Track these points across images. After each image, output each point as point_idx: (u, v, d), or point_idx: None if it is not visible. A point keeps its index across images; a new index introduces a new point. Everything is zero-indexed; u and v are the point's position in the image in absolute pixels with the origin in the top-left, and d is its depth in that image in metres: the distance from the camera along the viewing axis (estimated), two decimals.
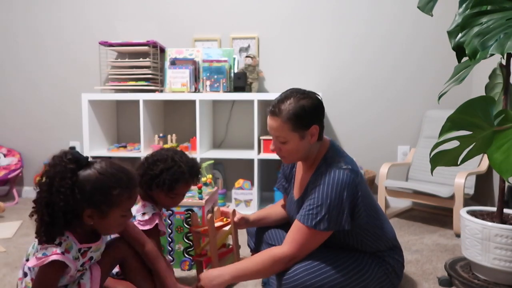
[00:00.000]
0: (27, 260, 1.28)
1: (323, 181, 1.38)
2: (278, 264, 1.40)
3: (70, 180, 1.16)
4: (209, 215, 1.61)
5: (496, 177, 2.59)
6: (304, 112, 1.37)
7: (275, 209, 1.78)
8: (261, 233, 1.75)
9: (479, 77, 2.76)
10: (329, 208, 1.35)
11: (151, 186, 1.52)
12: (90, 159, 1.24)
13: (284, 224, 1.78)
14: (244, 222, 1.71)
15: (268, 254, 1.43)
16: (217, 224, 1.70)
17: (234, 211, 1.72)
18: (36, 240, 1.22)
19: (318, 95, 1.46)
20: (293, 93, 1.42)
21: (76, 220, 1.20)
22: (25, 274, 1.28)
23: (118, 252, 1.39)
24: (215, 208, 1.77)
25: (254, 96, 2.78)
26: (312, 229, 1.37)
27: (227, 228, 1.76)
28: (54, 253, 1.16)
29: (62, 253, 1.18)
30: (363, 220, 1.43)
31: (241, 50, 3.14)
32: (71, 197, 1.15)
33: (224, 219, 1.77)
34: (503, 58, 1.50)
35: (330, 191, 1.36)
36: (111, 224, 1.25)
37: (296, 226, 1.41)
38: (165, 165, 1.50)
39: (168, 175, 1.49)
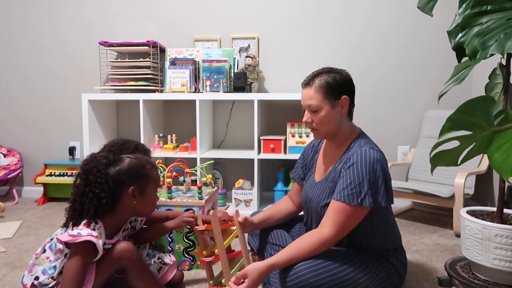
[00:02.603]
0: (52, 239, 1.37)
1: (358, 159, 1.42)
2: (323, 248, 1.42)
3: (105, 171, 1.36)
4: (212, 210, 1.57)
5: (496, 177, 2.59)
6: (335, 82, 1.48)
7: (278, 209, 1.77)
8: (264, 233, 1.75)
9: (479, 77, 2.76)
10: (370, 184, 1.39)
11: None
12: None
13: (284, 224, 1.78)
14: (249, 225, 1.65)
15: (311, 241, 1.42)
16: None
17: (237, 211, 1.62)
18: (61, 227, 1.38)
19: (349, 74, 1.56)
20: (325, 69, 1.54)
21: (113, 209, 1.37)
22: (43, 251, 1.35)
23: (120, 258, 1.37)
24: (211, 212, 1.56)
25: (254, 96, 2.78)
26: (355, 207, 1.39)
27: (233, 228, 1.65)
28: (89, 234, 1.27)
29: (96, 237, 1.28)
30: (389, 203, 1.46)
31: (241, 50, 3.14)
32: (106, 185, 1.34)
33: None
34: (503, 58, 1.50)
35: (367, 167, 1.40)
36: (149, 201, 1.45)
37: (337, 207, 1.42)
38: (125, 146, 1.68)
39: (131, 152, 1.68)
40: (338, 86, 1.48)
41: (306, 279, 1.36)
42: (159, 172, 1.49)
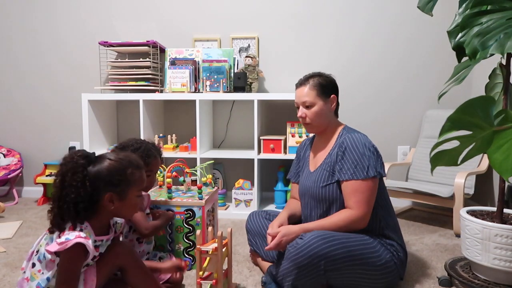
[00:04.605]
0: (37, 251, 1.32)
1: (350, 140, 1.61)
2: (354, 225, 1.56)
3: (81, 174, 1.28)
4: (219, 231, 1.51)
5: (496, 177, 2.59)
6: (326, 83, 1.72)
7: (295, 207, 1.84)
8: (265, 233, 1.75)
9: (479, 77, 2.76)
10: (369, 157, 1.57)
11: None
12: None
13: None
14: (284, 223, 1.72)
15: (342, 216, 1.56)
16: (214, 245, 1.53)
17: (230, 231, 1.62)
18: (48, 232, 1.32)
19: (334, 78, 1.79)
20: (315, 73, 1.76)
21: (93, 212, 1.30)
22: (33, 265, 1.32)
23: (118, 258, 1.37)
24: (209, 229, 1.61)
25: (254, 96, 2.78)
26: (366, 180, 1.55)
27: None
28: (77, 237, 1.24)
29: (85, 237, 1.25)
30: (384, 174, 1.61)
31: (241, 50, 3.14)
32: (82, 189, 1.27)
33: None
34: (503, 58, 1.50)
35: (360, 145, 1.59)
36: (130, 205, 1.37)
37: (350, 188, 1.57)
38: (135, 147, 1.69)
39: (140, 152, 1.66)
40: (328, 86, 1.71)
41: (319, 251, 1.42)
42: (143, 172, 1.41)
